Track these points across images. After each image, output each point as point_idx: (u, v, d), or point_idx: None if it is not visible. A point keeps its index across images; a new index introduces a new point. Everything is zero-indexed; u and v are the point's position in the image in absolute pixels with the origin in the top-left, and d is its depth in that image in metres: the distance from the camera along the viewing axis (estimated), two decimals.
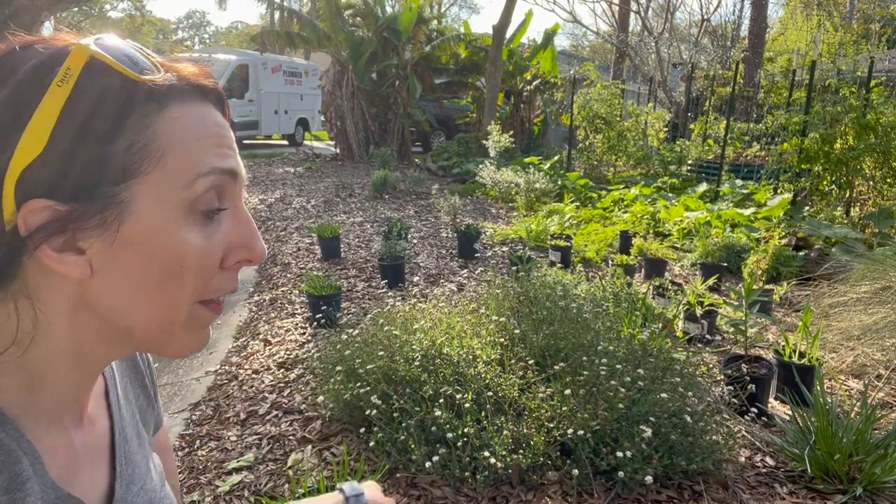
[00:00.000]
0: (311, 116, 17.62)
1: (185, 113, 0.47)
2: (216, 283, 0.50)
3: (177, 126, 0.46)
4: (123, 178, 0.44)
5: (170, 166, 0.45)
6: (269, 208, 7.51)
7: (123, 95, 0.44)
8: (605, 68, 19.85)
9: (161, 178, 0.45)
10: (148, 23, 37.44)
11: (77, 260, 0.44)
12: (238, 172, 0.50)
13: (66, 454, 0.51)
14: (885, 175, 6.27)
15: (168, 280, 0.47)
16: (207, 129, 0.48)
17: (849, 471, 2.11)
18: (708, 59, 16.41)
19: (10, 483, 0.44)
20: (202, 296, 0.49)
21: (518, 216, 7.19)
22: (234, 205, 0.50)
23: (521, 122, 13.95)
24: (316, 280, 3.79)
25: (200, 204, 0.47)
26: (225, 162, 0.48)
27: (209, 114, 0.49)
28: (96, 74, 0.43)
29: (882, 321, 3.12)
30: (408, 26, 12.21)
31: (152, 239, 0.45)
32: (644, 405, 2.16)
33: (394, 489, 2.10)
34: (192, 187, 0.46)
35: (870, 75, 6.86)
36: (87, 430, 0.55)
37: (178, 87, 0.47)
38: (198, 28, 53.22)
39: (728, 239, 5.13)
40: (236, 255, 0.50)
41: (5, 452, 0.45)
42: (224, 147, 0.49)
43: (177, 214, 0.46)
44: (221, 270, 0.50)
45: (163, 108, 0.45)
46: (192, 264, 0.47)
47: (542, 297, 2.89)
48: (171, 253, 0.46)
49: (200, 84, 0.49)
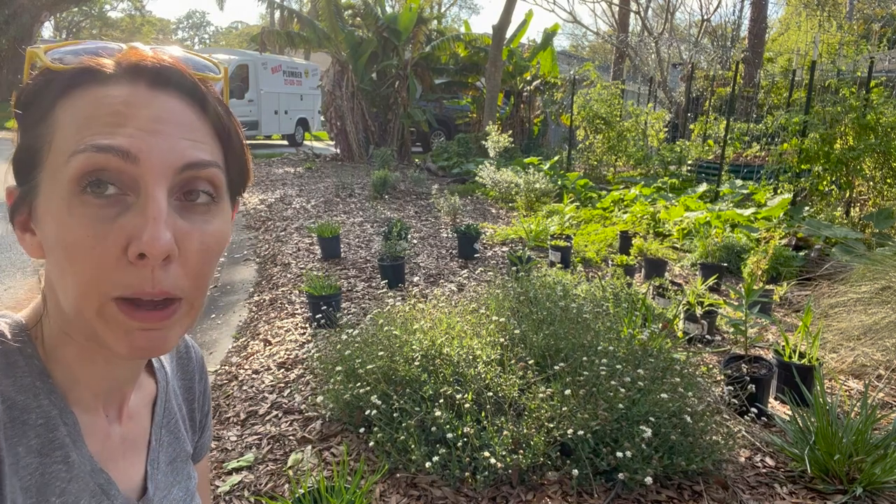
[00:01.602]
0: (311, 116, 17.62)
1: (87, 95, 0.46)
2: (123, 278, 0.44)
3: (70, 107, 0.46)
4: (37, 161, 0.47)
5: (55, 147, 0.46)
6: (269, 208, 7.51)
7: (40, 84, 0.47)
8: (605, 68, 19.85)
9: (52, 160, 0.46)
10: (148, 23, 37.42)
11: (31, 239, 0.49)
12: (132, 153, 0.44)
13: (102, 439, 0.54)
14: (885, 175, 6.27)
15: (63, 262, 0.45)
16: (105, 108, 0.45)
17: (849, 471, 2.11)
18: (708, 60, 16.41)
19: (44, 447, 0.47)
20: (107, 291, 0.45)
21: (518, 216, 7.19)
22: (144, 189, 0.45)
23: (521, 123, 13.95)
24: (316, 280, 3.79)
25: (83, 182, 0.44)
26: (108, 139, 0.44)
27: (117, 92, 0.46)
28: (32, 70, 0.49)
29: (882, 321, 3.12)
30: (408, 26, 12.21)
31: (46, 220, 0.47)
32: (644, 405, 2.16)
33: (394, 489, 2.10)
34: (69, 164, 0.44)
35: (870, 75, 6.86)
36: (126, 425, 0.57)
37: (91, 69, 0.46)
38: (198, 28, 53.23)
39: (728, 239, 5.13)
40: (133, 246, 0.44)
41: (45, 417, 0.48)
42: (124, 124, 0.44)
43: (63, 194, 0.45)
44: (129, 264, 0.44)
45: (68, 91, 0.46)
46: (74, 247, 0.44)
47: (542, 297, 2.89)
48: (56, 233, 0.45)
49: (138, 66, 0.47)
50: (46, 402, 0.48)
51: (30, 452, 0.46)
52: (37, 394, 0.47)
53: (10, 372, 0.47)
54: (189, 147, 0.47)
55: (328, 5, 11.55)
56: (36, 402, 0.47)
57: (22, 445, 0.45)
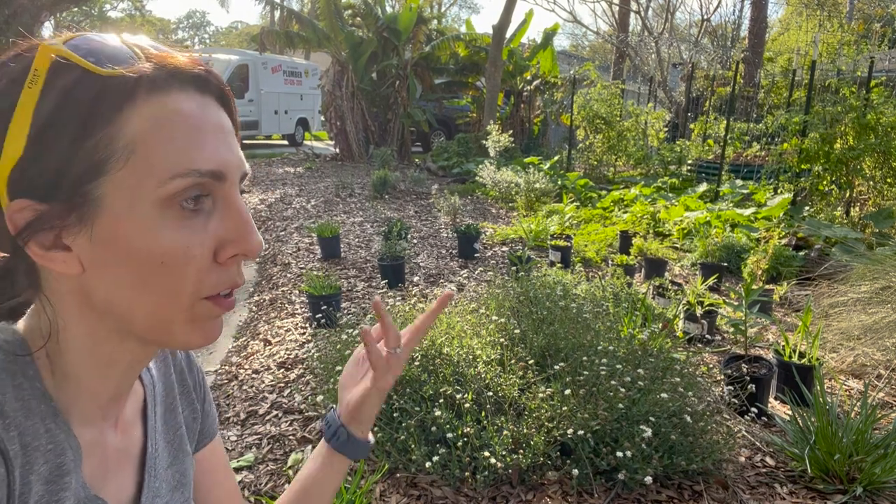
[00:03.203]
0: (311, 116, 17.63)
1: (157, 106, 0.44)
2: (213, 279, 0.48)
3: (145, 120, 0.44)
4: (94, 175, 0.43)
5: (140, 163, 0.43)
6: (269, 208, 7.51)
7: (86, 91, 0.43)
8: (605, 68, 19.84)
9: (131, 175, 0.43)
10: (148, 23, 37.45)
11: (65, 257, 0.45)
12: (224, 172, 0.47)
13: (100, 455, 0.53)
14: (885, 175, 6.27)
15: (152, 278, 0.45)
16: (188, 123, 0.45)
17: (849, 471, 2.11)
18: (708, 59, 16.41)
19: (52, 473, 0.46)
20: (200, 292, 0.48)
21: (518, 216, 7.19)
22: (226, 197, 0.48)
23: (521, 122, 13.95)
24: (316, 280, 3.79)
25: (178, 199, 0.45)
26: (206, 163, 0.45)
27: (189, 105, 0.46)
28: (61, 73, 0.43)
29: (882, 321, 3.12)
30: (408, 26, 12.21)
31: (127, 236, 0.44)
32: (644, 405, 2.16)
33: (394, 489, 2.10)
34: (166, 186, 0.44)
35: (870, 75, 6.86)
36: (121, 436, 0.56)
37: (148, 77, 0.44)
38: (198, 28, 53.23)
39: (728, 239, 5.13)
40: (229, 250, 0.48)
41: (54, 442, 0.47)
42: (209, 143, 0.46)
43: (152, 212, 0.44)
44: (217, 266, 0.48)
45: (130, 101, 0.43)
46: (174, 262, 0.45)
47: (542, 297, 2.89)
48: (148, 250, 0.45)
49: (185, 72, 0.46)
50: (53, 426, 0.47)
51: (39, 480, 0.45)
52: (44, 417, 0.46)
53: (18, 395, 0.46)
54: (242, 154, 0.50)
55: (328, 5, 11.55)
56: (44, 426, 0.46)
57: (34, 473, 0.44)
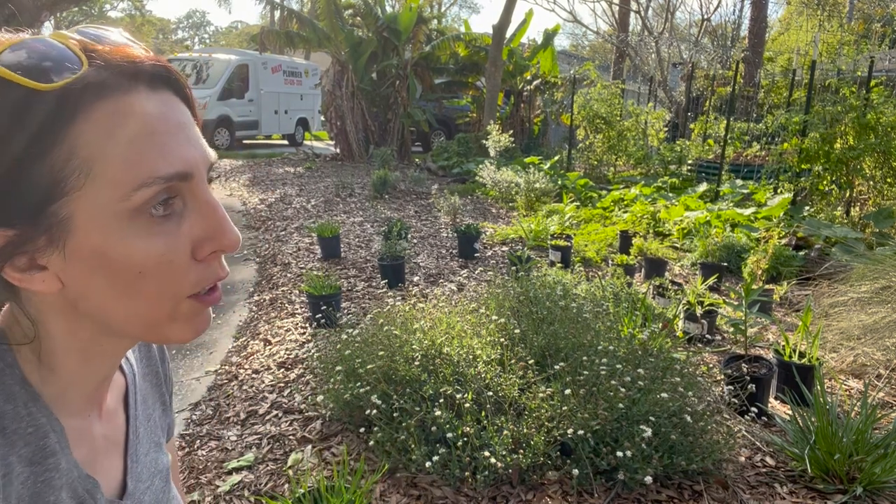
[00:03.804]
0: (311, 116, 17.62)
1: (109, 112, 0.42)
2: (194, 278, 0.47)
3: (99, 129, 0.41)
4: (57, 195, 0.41)
5: (101, 178, 0.42)
6: (269, 208, 7.51)
7: (30, 110, 0.40)
8: (605, 68, 19.84)
9: (94, 191, 0.42)
10: (148, 23, 37.42)
11: (43, 276, 0.44)
12: (189, 172, 0.45)
13: (88, 441, 0.53)
14: (885, 175, 6.27)
15: (132, 287, 0.45)
16: (139, 126, 0.43)
17: (849, 470, 2.11)
18: (708, 59, 16.40)
19: (35, 455, 0.46)
20: (182, 293, 0.47)
21: (518, 216, 7.19)
22: (195, 194, 0.47)
23: (521, 122, 13.94)
24: (316, 280, 3.79)
25: (146, 208, 0.44)
26: (170, 167, 0.44)
27: (143, 105, 0.43)
28: (2, 93, 0.40)
29: (882, 321, 3.12)
30: (408, 26, 12.20)
31: (101, 252, 0.43)
32: (644, 405, 2.16)
33: (394, 489, 2.10)
34: (132, 198, 0.42)
35: (870, 75, 6.86)
36: (106, 423, 0.57)
37: (95, 83, 0.41)
38: (198, 28, 53.22)
39: (728, 239, 5.13)
40: (207, 247, 0.47)
41: (35, 426, 0.47)
42: (167, 144, 0.44)
43: (121, 223, 0.43)
44: (197, 263, 0.47)
45: (80, 112, 0.41)
46: (152, 268, 0.45)
47: (542, 296, 2.89)
48: (124, 262, 0.44)
49: (131, 68, 0.43)
50: (34, 410, 0.47)
51: (21, 461, 0.45)
52: (25, 402, 0.47)
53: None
54: (205, 144, 0.49)
55: (328, 5, 11.55)
56: (25, 409, 0.46)
57: (13, 455, 0.45)
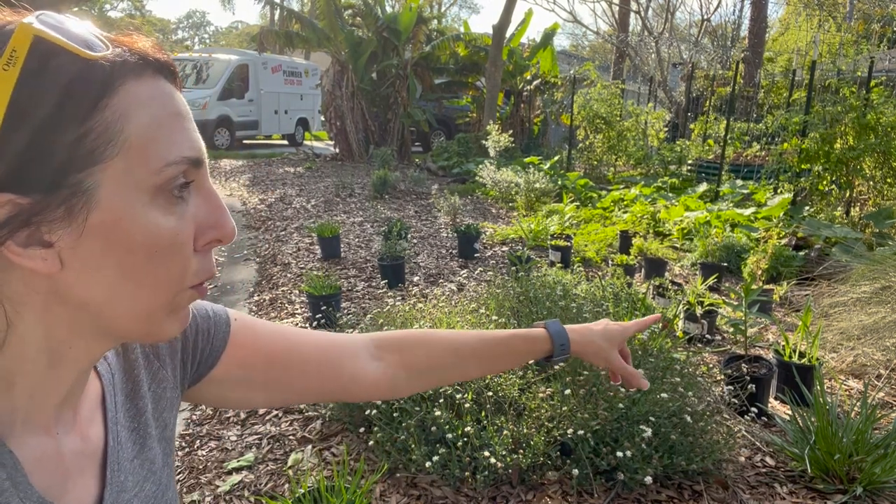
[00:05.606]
0: (311, 116, 17.63)
1: (142, 92, 0.43)
2: (195, 268, 0.47)
3: (136, 107, 0.42)
4: (86, 164, 0.40)
5: (134, 151, 0.42)
6: (269, 208, 7.51)
7: (77, 77, 0.40)
8: (605, 68, 19.84)
9: (125, 163, 0.42)
10: (148, 23, 37.44)
11: (44, 254, 0.41)
12: (202, 158, 0.47)
13: (54, 462, 0.48)
14: (885, 175, 6.27)
15: (141, 269, 0.44)
16: (168, 109, 0.45)
17: (849, 471, 2.11)
18: (708, 59, 16.41)
19: None
20: (185, 282, 0.47)
21: (518, 216, 7.19)
22: (201, 183, 0.47)
23: (521, 122, 13.95)
24: (316, 280, 3.79)
25: (169, 186, 0.44)
26: (191, 150, 0.45)
27: (167, 90, 0.45)
28: (45, 56, 0.39)
29: (882, 321, 3.12)
30: (408, 26, 12.21)
31: (123, 226, 0.42)
32: (644, 405, 2.16)
33: (394, 489, 2.10)
34: (161, 174, 0.43)
35: (870, 75, 6.86)
36: (80, 437, 0.52)
37: (131, 63, 0.43)
38: (198, 28, 53.24)
39: (728, 239, 5.13)
40: (208, 235, 0.47)
41: None
42: (188, 129, 0.46)
43: (145, 198, 0.43)
44: (196, 254, 0.47)
45: (119, 87, 0.42)
46: (166, 248, 0.44)
47: (542, 297, 2.89)
48: (144, 238, 0.43)
49: (155, 59, 0.45)
50: None
51: None
52: None
53: None
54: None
55: (328, 5, 11.55)
56: None
57: None
